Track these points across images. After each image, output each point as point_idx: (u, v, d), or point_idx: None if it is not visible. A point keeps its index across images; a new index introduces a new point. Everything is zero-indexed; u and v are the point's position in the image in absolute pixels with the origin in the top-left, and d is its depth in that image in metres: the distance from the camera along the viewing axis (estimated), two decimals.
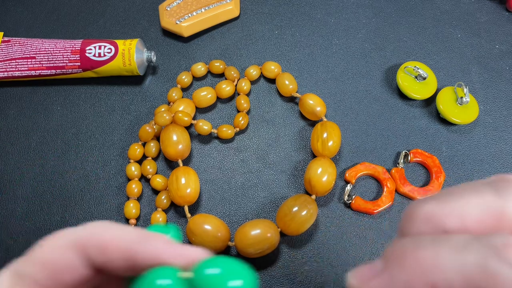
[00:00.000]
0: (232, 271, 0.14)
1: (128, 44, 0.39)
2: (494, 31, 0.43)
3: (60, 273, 0.16)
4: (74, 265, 0.16)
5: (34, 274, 0.16)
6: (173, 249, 0.16)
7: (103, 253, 0.16)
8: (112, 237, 0.16)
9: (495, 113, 0.39)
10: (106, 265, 0.16)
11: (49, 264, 0.16)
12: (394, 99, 0.40)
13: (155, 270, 0.15)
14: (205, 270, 0.14)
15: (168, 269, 0.15)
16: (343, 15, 0.44)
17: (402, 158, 0.36)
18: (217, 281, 0.14)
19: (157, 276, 0.15)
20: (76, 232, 0.16)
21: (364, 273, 0.15)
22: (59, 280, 0.16)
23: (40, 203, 0.37)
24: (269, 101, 0.40)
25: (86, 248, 0.16)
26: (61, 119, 0.40)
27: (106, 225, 0.16)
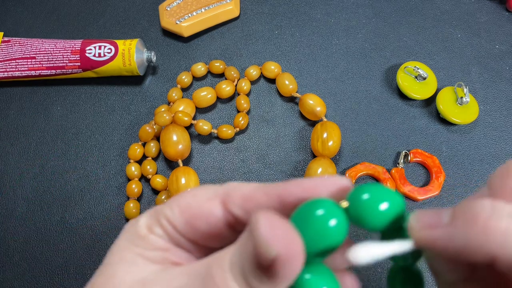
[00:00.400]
0: (383, 196, 0.15)
1: (128, 44, 0.39)
2: (494, 31, 0.43)
3: (197, 219, 0.17)
4: (213, 215, 0.17)
5: (172, 217, 0.17)
6: (321, 181, 0.16)
7: (249, 200, 0.16)
8: (256, 187, 0.17)
9: (495, 113, 0.39)
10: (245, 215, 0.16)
11: (189, 210, 0.17)
12: (394, 99, 0.40)
13: (312, 202, 0.15)
14: (361, 196, 0.15)
15: (323, 200, 0.15)
16: (343, 15, 0.44)
17: (402, 158, 0.36)
18: (371, 206, 0.15)
19: (315, 206, 0.15)
20: (220, 187, 0.17)
21: (428, 220, 0.15)
22: (194, 227, 0.17)
23: (40, 203, 0.37)
24: (269, 101, 0.40)
25: (230, 197, 0.17)
26: (61, 119, 0.40)
27: (245, 183, 0.17)
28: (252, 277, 0.14)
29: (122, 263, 0.16)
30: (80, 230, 0.36)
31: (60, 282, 0.34)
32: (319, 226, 0.14)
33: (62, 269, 0.34)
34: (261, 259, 0.13)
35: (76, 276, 0.34)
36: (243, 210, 0.16)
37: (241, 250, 0.14)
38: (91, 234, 0.35)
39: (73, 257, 0.35)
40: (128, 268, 0.16)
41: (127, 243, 0.17)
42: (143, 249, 0.17)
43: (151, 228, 0.17)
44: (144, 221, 0.17)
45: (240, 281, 0.14)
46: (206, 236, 0.17)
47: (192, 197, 0.17)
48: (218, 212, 0.17)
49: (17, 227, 0.36)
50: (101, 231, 0.36)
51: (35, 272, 0.34)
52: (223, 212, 0.17)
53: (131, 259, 0.17)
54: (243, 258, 0.14)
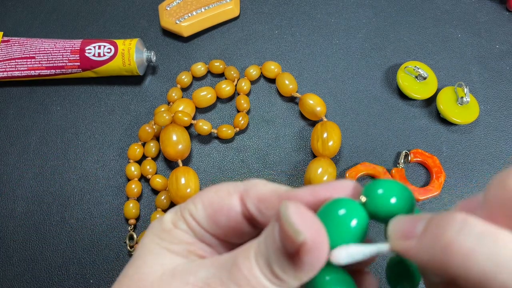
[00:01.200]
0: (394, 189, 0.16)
1: (128, 44, 0.39)
2: (494, 31, 0.43)
3: (219, 214, 0.18)
4: (233, 209, 0.18)
5: (196, 213, 0.18)
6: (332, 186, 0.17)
7: (261, 201, 0.17)
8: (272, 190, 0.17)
9: (495, 113, 0.39)
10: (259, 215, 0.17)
11: (211, 205, 0.18)
12: (395, 99, 0.40)
13: (334, 201, 0.16)
14: (376, 191, 0.16)
15: (344, 199, 0.16)
16: (343, 15, 0.44)
17: (402, 158, 0.36)
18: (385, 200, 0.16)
19: (337, 205, 0.15)
20: (240, 183, 0.18)
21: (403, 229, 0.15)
22: (215, 221, 0.18)
23: (40, 203, 0.37)
24: (269, 101, 0.40)
25: (247, 195, 0.17)
26: (61, 119, 0.40)
27: (264, 181, 0.18)
28: (277, 265, 0.14)
29: (150, 255, 0.17)
30: (79, 230, 0.36)
31: (60, 282, 0.34)
32: (342, 224, 0.15)
33: (61, 269, 0.34)
34: (288, 244, 0.14)
35: (75, 276, 0.34)
36: (257, 209, 0.17)
37: (267, 240, 0.15)
38: (91, 234, 0.35)
39: (72, 257, 0.35)
40: (156, 260, 0.17)
41: (154, 237, 0.18)
42: (169, 243, 0.18)
43: (175, 223, 0.18)
44: (169, 217, 0.18)
45: (265, 270, 0.15)
46: (227, 231, 0.18)
47: (214, 193, 0.18)
48: (237, 207, 0.18)
49: (16, 227, 0.36)
50: (101, 231, 0.35)
51: (35, 272, 0.34)
52: (241, 207, 0.18)
53: (158, 252, 0.17)
54: (269, 247, 0.15)
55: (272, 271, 0.15)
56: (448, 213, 0.14)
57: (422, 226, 0.14)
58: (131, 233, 0.35)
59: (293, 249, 0.14)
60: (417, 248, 0.14)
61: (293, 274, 0.14)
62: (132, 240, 0.35)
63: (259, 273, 0.15)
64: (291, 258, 0.14)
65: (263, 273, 0.15)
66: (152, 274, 0.17)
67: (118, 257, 0.35)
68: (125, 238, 0.35)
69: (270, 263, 0.15)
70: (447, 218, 0.13)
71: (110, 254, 0.35)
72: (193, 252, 0.18)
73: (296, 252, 0.14)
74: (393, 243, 0.15)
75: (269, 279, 0.15)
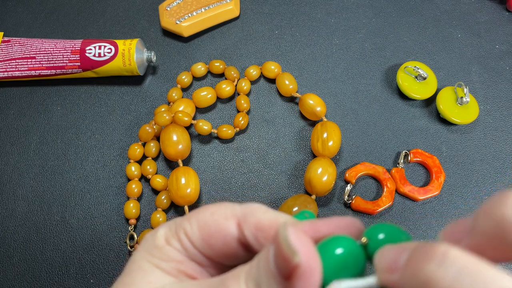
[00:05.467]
0: (396, 235, 0.16)
1: (128, 44, 0.39)
2: (494, 31, 0.43)
3: (214, 237, 0.17)
4: (229, 234, 0.17)
5: (190, 232, 0.17)
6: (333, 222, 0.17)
7: (259, 230, 0.17)
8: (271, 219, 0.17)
9: (495, 113, 0.39)
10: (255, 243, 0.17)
11: (207, 227, 0.17)
12: (394, 99, 0.40)
13: (333, 239, 0.15)
14: (378, 235, 0.16)
15: (343, 238, 0.16)
16: (343, 15, 0.44)
17: (402, 158, 0.36)
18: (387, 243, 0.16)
19: (337, 243, 0.15)
20: (238, 207, 0.18)
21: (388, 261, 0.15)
22: (209, 243, 0.17)
23: (40, 203, 0.37)
24: (269, 101, 0.40)
25: (245, 221, 0.17)
26: (61, 119, 0.40)
27: (264, 208, 0.18)
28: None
29: (140, 272, 0.17)
30: (80, 230, 0.36)
31: (60, 282, 0.34)
32: (338, 263, 0.15)
33: (62, 269, 0.34)
34: (283, 265, 0.13)
35: (76, 276, 0.34)
36: (254, 237, 0.17)
37: (259, 263, 0.15)
38: (91, 234, 0.35)
39: (73, 257, 0.35)
40: (144, 278, 0.17)
41: (145, 254, 0.18)
42: (159, 260, 0.17)
43: (168, 240, 0.18)
44: (163, 233, 0.18)
45: None
46: (221, 254, 0.18)
47: (210, 215, 0.18)
48: (233, 232, 0.17)
49: (17, 227, 0.36)
50: (101, 231, 0.36)
51: (35, 272, 0.34)
52: (237, 233, 0.17)
53: (148, 269, 0.17)
54: (261, 270, 0.14)
55: None
56: (430, 245, 0.13)
57: (405, 258, 0.14)
58: (131, 233, 0.35)
59: (286, 272, 0.13)
60: (400, 282, 0.14)
61: None
62: (132, 240, 0.35)
63: None
64: (282, 283, 0.14)
65: None
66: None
67: (118, 257, 0.35)
68: (125, 238, 0.35)
69: (260, 286, 0.14)
70: (428, 250, 0.13)
71: (111, 254, 0.35)
72: (183, 271, 0.18)
73: (288, 276, 0.13)
74: (379, 275, 0.15)
75: None
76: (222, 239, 0.17)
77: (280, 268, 0.14)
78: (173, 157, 0.36)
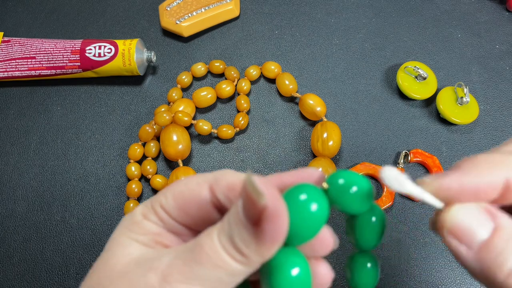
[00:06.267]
0: (355, 180, 0.17)
1: (128, 44, 0.39)
2: (494, 31, 0.43)
3: (189, 204, 0.18)
4: (203, 199, 0.18)
5: (166, 204, 0.18)
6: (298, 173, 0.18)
7: (231, 190, 0.17)
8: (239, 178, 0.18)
9: (495, 113, 0.39)
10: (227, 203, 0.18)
11: (181, 195, 0.18)
12: (394, 99, 0.40)
13: (296, 187, 0.16)
14: (338, 180, 0.17)
15: (306, 185, 0.16)
16: (343, 15, 0.44)
17: (402, 158, 0.36)
18: (346, 189, 0.17)
19: (300, 190, 0.16)
20: (210, 174, 0.19)
21: None
22: (185, 211, 0.18)
23: (40, 203, 0.37)
24: (269, 101, 0.40)
25: (217, 184, 0.18)
26: (61, 119, 0.40)
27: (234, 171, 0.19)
28: (239, 239, 0.15)
29: (119, 247, 0.18)
30: (80, 230, 0.36)
31: (60, 282, 0.34)
32: (303, 208, 0.15)
33: (62, 269, 0.34)
34: (251, 209, 0.14)
35: (76, 276, 0.34)
36: (227, 197, 0.18)
37: (230, 217, 0.15)
38: (91, 234, 0.35)
39: (73, 257, 0.35)
40: (124, 251, 0.18)
41: (123, 230, 0.19)
42: (137, 234, 0.18)
43: (145, 215, 0.19)
44: (140, 209, 0.19)
45: (227, 246, 0.15)
46: (197, 220, 0.18)
47: (184, 185, 0.18)
48: (207, 196, 0.18)
49: (17, 227, 0.36)
50: (101, 231, 0.36)
51: (35, 272, 0.34)
52: (211, 197, 0.18)
53: (126, 243, 0.18)
54: (231, 223, 0.15)
55: (234, 246, 0.15)
56: None
57: (486, 235, 0.14)
58: None
59: (255, 217, 0.14)
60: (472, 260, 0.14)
61: (255, 248, 0.15)
62: None
63: (221, 250, 0.15)
64: (253, 230, 0.14)
65: (225, 249, 0.15)
66: (119, 264, 0.17)
67: None
68: None
69: (233, 237, 0.15)
70: None
71: None
72: (160, 242, 0.18)
73: (257, 221, 0.14)
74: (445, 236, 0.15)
75: (232, 255, 0.15)
76: (197, 204, 0.18)
77: (248, 215, 0.14)
78: (173, 157, 0.36)
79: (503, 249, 0.14)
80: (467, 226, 0.15)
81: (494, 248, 0.14)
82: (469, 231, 0.15)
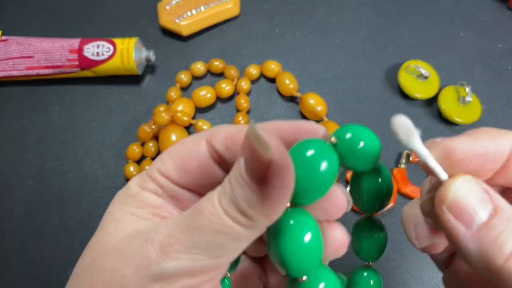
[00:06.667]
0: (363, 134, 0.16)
1: (127, 43, 0.39)
2: (496, 30, 0.42)
3: (188, 161, 0.17)
4: (201, 153, 0.17)
5: (164, 168, 0.17)
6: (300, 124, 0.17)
7: (228, 139, 0.17)
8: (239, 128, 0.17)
9: (497, 113, 0.39)
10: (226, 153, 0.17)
11: (179, 155, 0.17)
12: (396, 99, 0.39)
13: (305, 141, 0.15)
14: (345, 135, 0.16)
15: (314, 140, 0.15)
16: (344, 14, 0.44)
17: (404, 158, 0.36)
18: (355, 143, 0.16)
19: (309, 145, 0.15)
20: (206, 130, 0.18)
21: None
22: (185, 169, 0.17)
23: (38, 204, 0.36)
24: (269, 100, 0.40)
25: (214, 136, 0.17)
26: (59, 119, 0.40)
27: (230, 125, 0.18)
28: (243, 200, 0.13)
29: (112, 222, 0.17)
30: (78, 231, 0.35)
31: (59, 284, 0.34)
32: (311, 164, 0.14)
33: (60, 270, 0.34)
34: (256, 163, 0.13)
35: None
36: (225, 146, 0.17)
37: (231, 177, 0.14)
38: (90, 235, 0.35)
39: (71, 259, 0.34)
40: (118, 225, 0.16)
41: (118, 205, 0.17)
42: (133, 207, 0.17)
43: (142, 185, 0.17)
44: (135, 181, 0.18)
45: (230, 209, 0.13)
46: (200, 179, 0.17)
47: (180, 144, 0.18)
48: (204, 149, 0.17)
49: (15, 228, 0.36)
50: None
51: (34, 274, 0.34)
52: (209, 150, 0.17)
53: (121, 217, 0.17)
54: (233, 183, 0.14)
55: (238, 208, 0.13)
56: None
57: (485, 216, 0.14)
58: None
59: (260, 174, 0.13)
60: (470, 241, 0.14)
61: (261, 209, 0.13)
62: None
63: (223, 214, 0.13)
64: (258, 188, 0.13)
65: (227, 213, 0.14)
66: (114, 239, 0.16)
67: None
68: None
69: (236, 199, 0.13)
70: None
71: None
72: (158, 214, 0.17)
73: (263, 178, 0.13)
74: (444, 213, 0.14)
75: (235, 218, 0.13)
76: (196, 160, 0.17)
77: (252, 172, 0.13)
78: None
79: (502, 231, 0.14)
80: (469, 203, 0.14)
81: (494, 230, 0.14)
82: (470, 209, 0.14)
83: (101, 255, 0.16)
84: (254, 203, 0.13)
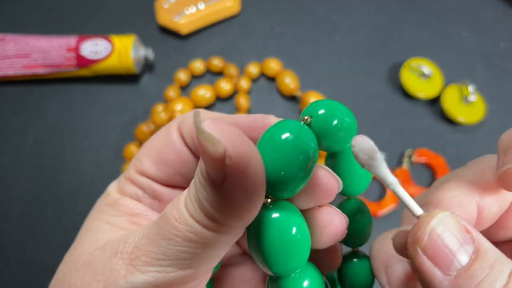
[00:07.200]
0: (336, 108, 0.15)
1: (125, 42, 0.39)
2: (499, 29, 0.42)
3: (165, 152, 0.16)
4: (175, 142, 0.16)
5: (141, 166, 0.16)
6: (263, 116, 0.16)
7: None
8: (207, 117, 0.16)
9: (501, 112, 0.38)
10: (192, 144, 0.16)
11: (154, 147, 0.17)
12: (398, 98, 0.39)
13: (277, 124, 0.14)
14: (318, 111, 0.15)
15: (288, 121, 0.14)
16: (345, 12, 0.43)
17: (406, 158, 0.35)
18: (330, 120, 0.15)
19: (283, 125, 0.13)
20: (179, 116, 0.17)
21: None
22: (164, 161, 0.16)
23: (35, 204, 0.36)
24: (270, 100, 0.40)
25: (182, 123, 0.16)
26: (57, 119, 0.40)
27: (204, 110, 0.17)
28: (209, 203, 0.12)
29: (87, 234, 0.16)
30: (76, 232, 0.35)
31: None
32: (286, 148, 0.13)
33: None
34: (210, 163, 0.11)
35: None
36: (191, 137, 0.16)
37: (195, 178, 0.12)
38: None
39: None
40: (92, 237, 0.16)
41: (95, 214, 0.17)
42: (111, 216, 0.16)
43: (122, 189, 0.17)
44: (114, 187, 0.17)
45: (197, 213, 0.12)
46: (179, 169, 0.16)
47: (154, 137, 0.17)
48: (177, 138, 0.16)
49: (12, 228, 0.35)
50: None
51: (32, 274, 0.34)
52: (181, 138, 0.16)
53: (96, 228, 0.16)
54: (196, 183, 0.12)
55: (205, 212, 0.12)
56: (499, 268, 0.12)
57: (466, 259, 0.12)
58: None
59: (217, 170, 0.11)
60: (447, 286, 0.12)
61: (229, 211, 0.11)
62: None
63: (190, 219, 0.12)
64: (219, 189, 0.11)
65: (194, 218, 0.12)
66: (86, 252, 0.15)
67: None
68: None
69: (201, 202, 0.12)
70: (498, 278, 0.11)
71: None
72: (136, 223, 0.16)
73: (222, 176, 0.11)
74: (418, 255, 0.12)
75: (203, 223, 0.12)
76: (173, 151, 0.16)
77: (210, 172, 0.11)
78: None
79: (484, 279, 0.12)
80: (447, 245, 0.12)
81: (475, 277, 0.12)
82: (448, 252, 0.12)
83: (72, 270, 0.15)
84: (220, 205, 0.11)
